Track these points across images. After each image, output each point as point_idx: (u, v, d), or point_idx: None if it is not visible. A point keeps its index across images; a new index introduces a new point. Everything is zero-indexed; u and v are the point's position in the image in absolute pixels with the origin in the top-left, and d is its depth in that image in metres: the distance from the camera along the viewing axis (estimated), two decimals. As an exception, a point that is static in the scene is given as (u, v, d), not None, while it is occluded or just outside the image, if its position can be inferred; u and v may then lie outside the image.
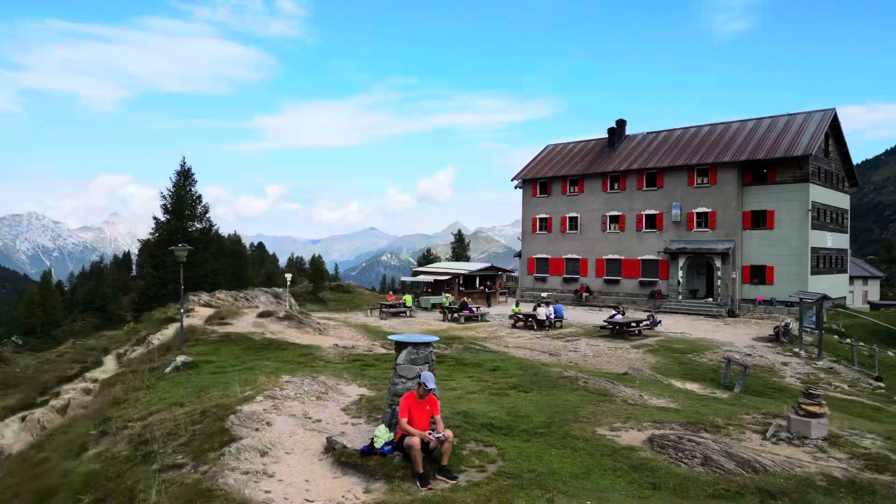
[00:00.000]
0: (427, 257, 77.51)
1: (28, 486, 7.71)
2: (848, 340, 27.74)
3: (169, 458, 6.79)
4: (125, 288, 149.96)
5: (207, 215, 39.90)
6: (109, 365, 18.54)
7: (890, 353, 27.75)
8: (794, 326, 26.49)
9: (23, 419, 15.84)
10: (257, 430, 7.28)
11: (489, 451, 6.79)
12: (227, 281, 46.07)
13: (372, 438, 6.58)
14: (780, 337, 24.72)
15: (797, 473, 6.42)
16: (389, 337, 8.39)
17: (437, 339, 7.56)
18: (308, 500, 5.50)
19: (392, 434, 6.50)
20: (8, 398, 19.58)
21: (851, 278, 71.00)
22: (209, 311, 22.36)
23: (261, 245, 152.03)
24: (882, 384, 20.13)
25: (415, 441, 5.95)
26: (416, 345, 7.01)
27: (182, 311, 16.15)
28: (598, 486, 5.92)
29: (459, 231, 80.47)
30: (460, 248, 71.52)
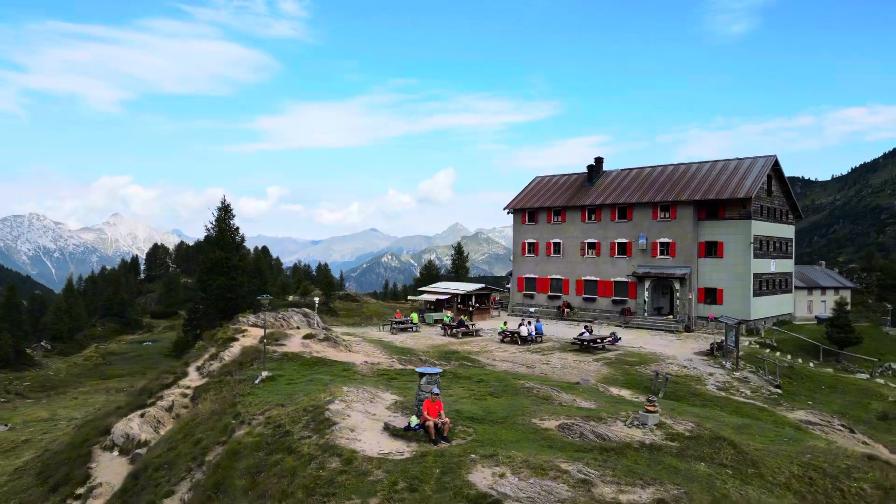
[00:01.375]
0: (429, 269, 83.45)
1: (216, 449, 13.70)
2: (777, 353, 33.76)
3: (299, 433, 12.76)
4: (135, 292, 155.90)
5: (244, 243, 46.01)
6: (193, 375, 24.46)
7: (811, 364, 33.77)
8: (730, 342, 32.44)
9: (142, 415, 21.87)
10: (343, 419, 13.26)
11: (469, 430, 12.76)
12: (254, 296, 51.94)
13: (408, 422, 12.55)
14: (714, 351, 30.71)
15: (627, 442, 12.43)
16: (417, 370, 14.25)
17: (441, 370, 13.54)
18: (381, 450, 11.49)
19: (418, 420, 12.46)
20: (120, 399, 25.27)
21: (824, 289, 77.77)
22: (260, 332, 28.33)
23: (265, 250, 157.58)
24: (780, 390, 26.10)
25: (430, 423, 11.92)
26: (430, 374, 12.97)
27: (265, 341, 22.17)
28: (522, 446, 11.90)
29: (459, 244, 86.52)
30: (460, 259, 77.58)
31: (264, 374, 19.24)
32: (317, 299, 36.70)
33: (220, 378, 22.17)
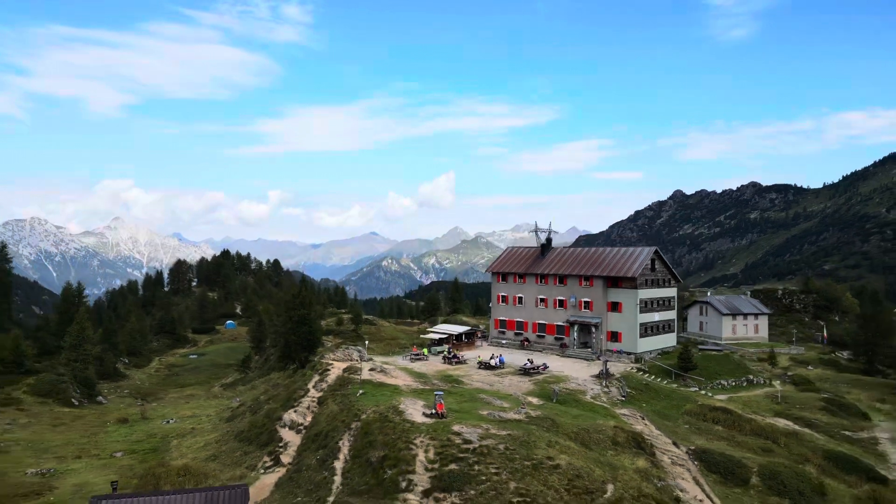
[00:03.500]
0: (432, 302, 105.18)
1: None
2: (646, 374, 55.43)
3: (390, 415, 34.59)
4: (163, 305, 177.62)
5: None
6: (312, 392, 46.10)
7: (665, 381, 55.45)
8: (611, 368, 54.13)
9: (294, 410, 43.61)
10: (405, 409, 35.08)
11: (453, 413, 34.63)
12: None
13: (432, 411, 34.41)
14: (600, 375, 52.37)
15: (511, 418, 34.31)
16: (435, 393, 36.05)
17: (443, 392, 35.49)
18: (422, 420, 33.32)
19: (435, 409, 34.30)
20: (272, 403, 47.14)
21: (745, 315, 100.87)
22: (341, 363, 50.06)
23: (306, 280, 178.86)
24: (624, 398, 47.70)
25: (439, 411, 33.81)
26: (438, 393, 34.88)
27: (348, 372, 43.98)
28: (472, 419, 33.75)
29: (456, 280, 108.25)
30: (457, 296, 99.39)
31: (360, 391, 41.01)
32: (366, 341, 58.25)
33: (331, 393, 43.88)
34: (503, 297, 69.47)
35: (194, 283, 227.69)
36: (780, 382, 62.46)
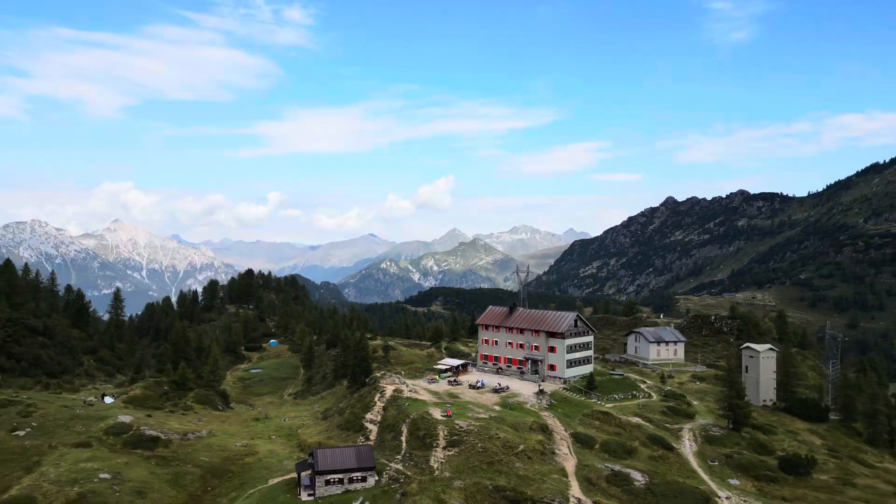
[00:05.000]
0: (437, 330, 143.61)
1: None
2: (569, 392, 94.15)
3: (427, 415, 73.19)
4: (199, 321, 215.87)
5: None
6: (378, 404, 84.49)
7: (579, 396, 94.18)
8: (546, 387, 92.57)
9: (369, 412, 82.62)
10: (430, 413, 73.74)
11: (454, 414, 73.32)
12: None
13: (445, 414, 73.07)
14: (538, 392, 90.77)
15: (483, 417, 73.07)
16: (445, 405, 74.63)
17: (450, 405, 74.23)
18: (440, 418, 71.97)
19: (446, 413, 72.91)
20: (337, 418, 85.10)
21: (668, 342, 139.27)
22: (391, 385, 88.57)
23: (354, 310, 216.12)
24: (549, 406, 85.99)
25: (448, 414, 72.46)
26: (448, 405, 73.60)
27: (398, 392, 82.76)
28: (465, 416, 72.44)
29: (454, 313, 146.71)
30: (455, 326, 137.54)
31: (407, 404, 79.49)
32: (402, 373, 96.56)
33: (389, 404, 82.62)
34: (486, 340, 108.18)
35: (223, 300, 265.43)
36: (658, 395, 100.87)
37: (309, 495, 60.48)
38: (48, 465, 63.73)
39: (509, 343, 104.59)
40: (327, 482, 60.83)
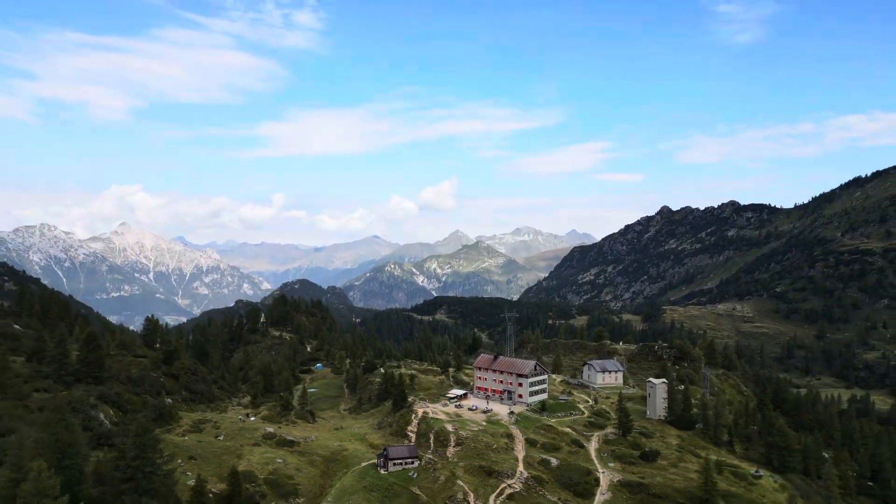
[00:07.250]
0: (446, 364, 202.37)
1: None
2: (532, 412, 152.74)
3: (444, 429, 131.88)
4: (246, 342, 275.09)
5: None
6: (414, 421, 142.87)
7: (538, 414, 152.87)
8: (515, 409, 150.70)
9: (413, 422, 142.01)
10: (446, 425, 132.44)
11: (457, 427, 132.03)
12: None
13: (455, 428, 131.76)
14: (510, 413, 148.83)
15: (475, 429, 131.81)
16: (455, 422, 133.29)
17: (457, 422, 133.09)
18: (451, 430, 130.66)
19: (454, 428, 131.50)
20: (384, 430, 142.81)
21: (612, 371, 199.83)
22: (421, 409, 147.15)
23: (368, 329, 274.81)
24: (516, 422, 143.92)
25: (456, 428, 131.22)
26: (455, 422, 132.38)
27: (431, 415, 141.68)
28: (466, 427, 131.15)
29: (457, 350, 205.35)
30: (459, 354, 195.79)
31: (432, 421, 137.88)
32: (442, 398, 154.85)
33: (421, 420, 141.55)
34: (479, 377, 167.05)
35: (264, 324, 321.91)
36: (588, 412, 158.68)
37: (385, 471, 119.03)
38: (247, 456, 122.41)
39: (494, 379, 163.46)
40: (394, 464, 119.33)
